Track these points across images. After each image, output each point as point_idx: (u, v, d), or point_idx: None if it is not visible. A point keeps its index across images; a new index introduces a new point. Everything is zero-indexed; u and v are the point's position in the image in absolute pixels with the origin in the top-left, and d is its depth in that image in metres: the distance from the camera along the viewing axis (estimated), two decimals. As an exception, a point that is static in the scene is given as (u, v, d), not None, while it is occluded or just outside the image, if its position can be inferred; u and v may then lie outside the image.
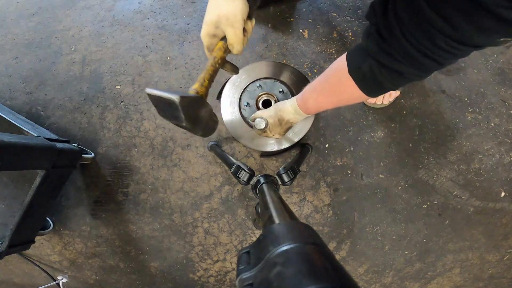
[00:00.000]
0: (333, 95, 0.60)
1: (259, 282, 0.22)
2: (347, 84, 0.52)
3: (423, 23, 0.37)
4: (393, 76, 0.46)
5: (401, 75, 0.45)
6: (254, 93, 0.86)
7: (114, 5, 1.14)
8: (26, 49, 1.13)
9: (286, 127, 0.75)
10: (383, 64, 0.45)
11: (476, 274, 1.07)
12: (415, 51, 0.40)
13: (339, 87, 0.56)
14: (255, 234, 1.05)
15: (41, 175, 0.82)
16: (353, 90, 0.52)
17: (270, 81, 0.86)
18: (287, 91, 0.85)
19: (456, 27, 0.35)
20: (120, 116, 1.07)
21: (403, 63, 0.43)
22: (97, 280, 1.13)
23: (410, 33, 0.39)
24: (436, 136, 1.02)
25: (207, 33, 0.52)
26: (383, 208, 1.03)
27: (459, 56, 0.40)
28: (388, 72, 0.46)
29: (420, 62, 0.41)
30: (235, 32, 0.51)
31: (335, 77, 0.57)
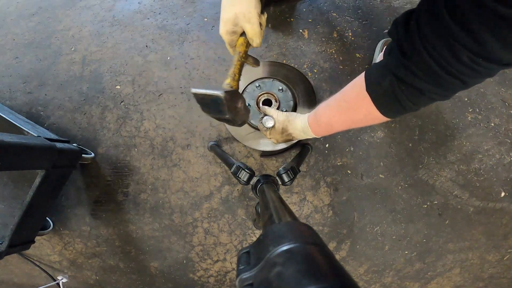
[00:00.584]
0: (347, 114, 0.56)
1: (259, 282, 0.22)
2: (364, 101, 0.50)
3: (447, 37, 0.36)
4: (413, 93, 0.44)
5: (422, 93, 0.43)
6: (253, 94, 0.86)
7: (114, 5, 1.14)
8: (26, 49, 1.13)
9: (286, 139, 0.74)
10: (403, 80, 0.43)
11: (476, 274, 1.07)
12: (437, 67, 0.38)
13: (355, 105, 0.54)
14: (255, 234, 1.05)
15: (41, 175, 0.82)
16: (369, 109, 0.50)
17: (268, 81, 0.86)
18: (286, 89, 0.85)
19: (481, 42, 0.33)
20: (120, 116, 1.07)
21: (424, 80, 0.41)
22: (97, 280, 1.13)
23: (433, 47, 0.38)
24: (436, 136, 1.02)
25: (226, 31, 0.55)
26: (383, 208, 1.03)
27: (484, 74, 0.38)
28: (408, 89, 0.44)
29: (442, 79, 0.39)
30: (253, 27, 0.54)
31: (351, 93, 0.54)
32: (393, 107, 0.48)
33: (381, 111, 0.49)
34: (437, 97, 0.43)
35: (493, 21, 0.32)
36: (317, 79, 1.03)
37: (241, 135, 0.88)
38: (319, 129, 0.65)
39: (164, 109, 1.06)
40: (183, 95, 1.05)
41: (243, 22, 0.53)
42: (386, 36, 1.02)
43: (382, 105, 0.48)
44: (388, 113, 0.49)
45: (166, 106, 1.06)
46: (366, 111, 0.51)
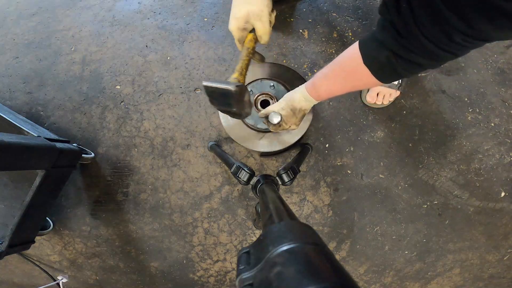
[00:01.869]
0: (347, 82, 0.61)
1: (259, 282, 0.22)
2: (363, 72, 0.54)
3: (441, 21, 0.39)
4: (410, 66, 0.48)
5: (419, 66, 0.48)
6: None
7: (114, 5, 1.14)
8: (26, 49, 1.13)
9: (300, 116, 0.73)
10: (400, 55, 0.47)
11: (476, 274, 1.07)
12: (434, 47, 0.42)
13: (354, 75, 0.57)
14: (255, 234, 1.05)
15: (41, 175, 0.82)
16: (369, 78, 0.54)
17: (256, 83, 0.86)
18: (277, 84, 0.86)
19: (473, 25, 0.37)
20: (120, 116, 1.07)
21: (420, 56, 0.45)
22: (97, 280, 1.13)
23: (428, 31, 0.41)
24: (436, 136, 1.02)
25: (237, 27, 0.59)
26: (383, 208, 1.03)
27: (473, 47, 0.43)
28: (405, 62, 0.48)
29: (438, 55, 0.44)
30: (263, 25, 0.57)
31: (349, 66, 0.58)
32: (390, 76, 0.53)
33: (379, 79, 0.54)
34: (431, 67, 0.49)
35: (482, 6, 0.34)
36: (317, 79, 1.03)
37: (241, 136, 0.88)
38: (319, 97, 0.67)
39: (164, 109, 1.06)
40: (183, 95, 1.05)
41: (254, 20, 0.57)
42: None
43: (381, 75, 0.53)
44: (385, 80, 0.54)
45: (166, 106, 1.06)
46: (365, 80, 0.55)
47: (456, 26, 0.38)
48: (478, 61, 1.04)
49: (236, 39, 0.61)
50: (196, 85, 1.06)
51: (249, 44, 0.59)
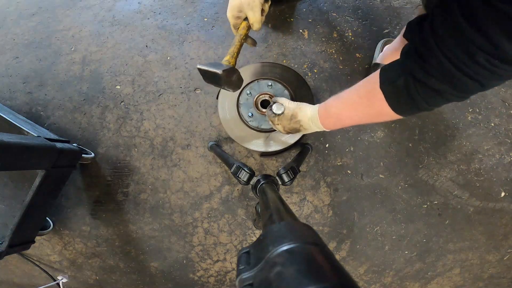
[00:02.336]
0: (358, 108, 0.57)
1: (259, 282, 0.22)
2: (376, 98, 0.50)
3: (462, 39, 0.36)
4: (429, 94, 0.44)
5: (438, 94, 0.43)
6: (249, 102, 0.87)
7: (114, 5, 1.14)
8: (26, 49, 1.13)
9: (294, 126, 0.72)
10: (419, 80, 0.43)
11: (476, 274, 1.07)
12: (454, 68, 0.38)
13: (367, 100, 0.54)
14: (255, 234, 1.05)
15: (41, 175, 0.82)
16: (381, 106, 0.50)
17: (254, 84, 0.87)
18: (274, 82, 0.86)
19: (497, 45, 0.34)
20: (120, 116, 1.07)
21: (441, 81, 0.41)
22: (97, 280, 1.13)
23: (449, 49, 0.38)
24: (436, 136, 1.02)
25: (232, 15, 0.66)
26: (383, 208, 1.03)
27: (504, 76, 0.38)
28: (424, 89, 0.43)
29: (459, 80, 0.39)
30: (254, 14, 0.64)
31: (364, 89, 0.55)
32: (406, 106, 0.48)
33: (393, 108, 0.49)
34: (453, 98, 0.43)
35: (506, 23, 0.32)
36: (317, 79, 1.03)
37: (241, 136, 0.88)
38: (327, 120, 0.65)
39: (164, 109, 1.06)
40: (183, 95, 1.05)
41: (246, 9, 0.63)
42: (386, 36, 1.02)
43: (395, 102, 0.49)
44: (400, 111, 0.50)
45: (166, 106, 1.06)
46: (378, 108, 0.51)
47: (478, 44, 0.35)
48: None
49: (232, 25, 0.69)
50: (196, 85, 1.06)
51: (242, 31, 0.67)
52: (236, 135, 0.88)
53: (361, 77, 1.04)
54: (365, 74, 1.03)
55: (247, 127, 0.87)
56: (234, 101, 0.88)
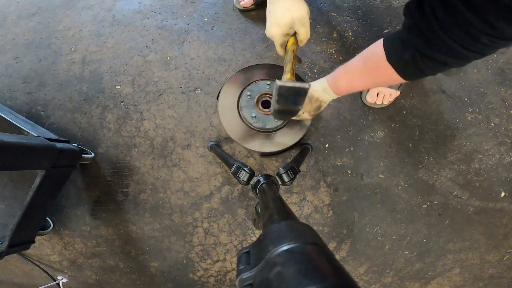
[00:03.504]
0: (369, 78, 0.62)
1: (259, 282, 0.22)
2: (385, 68, 0.55)
3: (464, 24, 0.40)
4: (435, 65, 0.49)
5: (443, 64, 0.48)
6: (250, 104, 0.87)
7: (114, 5, 1.14)
8: (26, 49, 1.13)
9: (316, 106, 0.73)
10: (425, 55, 0.47)
11: (476, 274, 1.07)
12: (460, 48, 0.43)
13: (376, 72, 0.58)
14: (255, 234, 1.05)
15: (41, 175, 0.82)
16: (392, 75, 0.55)
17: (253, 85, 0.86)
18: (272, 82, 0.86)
19: (495, 26, 0.38)
20: (120, 116, 1.07)
21: (445, 54, 0.46)
22: (97, 280, 1.13)
23: (453, 33, 0.42)
24: (436, 136, 1.02)
25: (282, 33, 0.62)
26: (383, 208, 1.02)
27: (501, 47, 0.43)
28: (431, 62, 0.48)
29: (465, 55, 0.44)
30: (306, 30, 0.62)
31: (372, 62, 0.58)
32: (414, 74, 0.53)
33: (403, 76, 0.54)
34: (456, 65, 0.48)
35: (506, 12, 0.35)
36: (317, 79, 1.03)
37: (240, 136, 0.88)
38: (339, 90, 0.68)
39: (164, 109, 1.06)
40: (183, 95, 1.05)
41: (298, 26, 0.61)
42: (386, 36, 1.02)
43: (404, 72, 0.54)
44: (409, 78, 0.55)
45: (166, 106, 1.06)
46: (388, 76, 0.56)
47: (479, 28, 0.39)
48: (478, 61, 1.04)
49: (279, 44, 0.65)
50: (196, 85, 1.06)
51: (293, 47, 0.64)
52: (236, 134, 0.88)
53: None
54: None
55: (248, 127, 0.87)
56: (234, 102, 0.88)
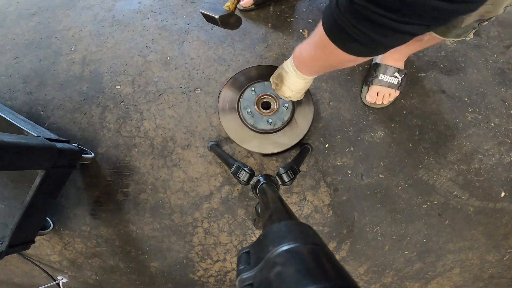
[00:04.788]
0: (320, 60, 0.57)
1: (259, 282, 0.22)
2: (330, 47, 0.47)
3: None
4: (359, 17, 0.38)
5: (366, 18, 0.37)
6: (251, 98, 0.87)
7: (114, 5, 1.14)
8: (26, 49, 1.13)
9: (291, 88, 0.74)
10: (343, 5, 0.39)
11: (476, 274, 1.07)
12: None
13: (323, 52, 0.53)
14: (255, 234, 1.05)
15: (41, 175, 0.82)
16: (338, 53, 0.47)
17: (259, 84, 0.87)
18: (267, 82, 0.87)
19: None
20: (120, 116, 1.07)
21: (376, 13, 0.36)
22: (97, 280, 1.13)
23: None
24: (436, 136, 1.02)
25: None
26: (383, 208, 1.03)
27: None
28: (350, 13, 0.38)
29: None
30: None
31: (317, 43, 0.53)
32: (340, 36, 0.44)
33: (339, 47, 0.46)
34: (384, 20, 0.36)
35: None
36: (316, 79, 1.03)
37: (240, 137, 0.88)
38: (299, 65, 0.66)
39: (164, 109, 1.06)
40: (183, 95, 1.05)
41: None
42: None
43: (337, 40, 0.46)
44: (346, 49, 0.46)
45: (166, 106, 1.06)
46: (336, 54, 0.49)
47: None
48: (478, 61, 1.04)
49: None
50: (196, 85, 1.06)
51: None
52: (236, 135, 0.88)
53: (361, 77, 1.04)
54: (365, 74, 1.04)
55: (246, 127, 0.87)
56: (235, 101, 0.88)
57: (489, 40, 1.07)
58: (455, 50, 1.06)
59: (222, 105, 0.89)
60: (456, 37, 0.69)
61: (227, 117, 0.88)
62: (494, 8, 0.56)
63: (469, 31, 0.68)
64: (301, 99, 0.85)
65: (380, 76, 0.95)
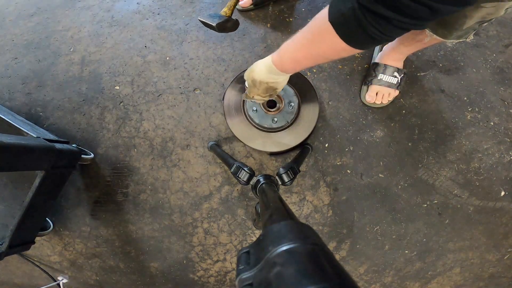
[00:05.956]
0: (312, 46, 0.54)
1: (259, 282, 0.22)
2: (327, 31, 0.47)
3: None
4: (378, 21, 0.40)
5: (388, 21, 0.40)
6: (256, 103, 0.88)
7: (113, 5, 1.14)
8: (25, 50, 1.13)
9: (263, 88, 0.68)
10: (366, 7, 0.39)
11: (477, 273, 1.07)
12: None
13: (319, 36, 0.51)
14: (255, 234, 1.05)
15: (40, 176, 0.82)
16: (333, 39, 0.47)
17: None
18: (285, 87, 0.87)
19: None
20: (120, 116, 1.07)
21: (387, 7, 0.37)
22: (97, 280, 1.13)
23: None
24: (436, 135, 1.02)
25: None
26: (382, 208, 1.03)
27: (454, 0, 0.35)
28: (373, 16, 0.40)
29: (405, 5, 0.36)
30: None
31: (315, 25, 0.51)
32: (358, 35, 0.44)
33: (345, 40, 0.46)
34: (406, 25, 0.40)
35: None
36: (316, 79, 1.03)
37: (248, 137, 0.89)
38: (284, 66, 0.62)
39: (163, 110, 1.06)
40: (182, 95, 1.05)
41: None
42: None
43: (345, 33, 0.45)
44: (353, 42, 0.47)
45: (165, 107, 1.06)
46: (330, 42, 0.48)
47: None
48: (477, 60, 1.04)
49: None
50: (196, 85, 1.06)
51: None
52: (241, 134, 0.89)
53: (360, 76, 1.04)
54: (364, 74, 1.04)
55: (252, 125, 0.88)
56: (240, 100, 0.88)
57: (488, 39, 1.07)
58: (454, 50, 1.06)
59: (227, 103, 0.89)
60: (457, 39, 0.69)
61: (233, 116, 0.89)
62: (496, 10, 0.56)
63: (470, 32, 0.68)
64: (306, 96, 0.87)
65: (380, 76, 0.95)
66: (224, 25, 0.77)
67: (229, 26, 0.79)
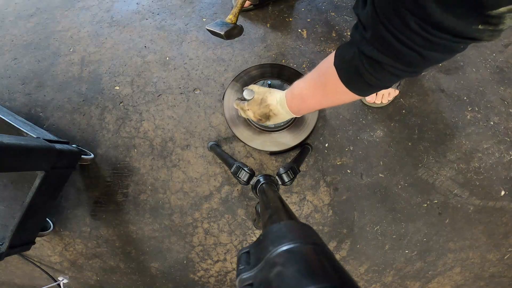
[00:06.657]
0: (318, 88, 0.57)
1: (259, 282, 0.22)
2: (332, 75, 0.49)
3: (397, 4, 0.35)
4: (373, 66, 0.42)
5: (382, 67, 0.42)
6: None
7: (113, 5, 1.14)
8: (24, 50, 1.13)
9: (263, 111, 0.71)
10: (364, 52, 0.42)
11: (477, 273, 1.07)
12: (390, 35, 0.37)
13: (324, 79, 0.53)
14: (255, 234, 1.05)
15: (40, 176, 0.82)
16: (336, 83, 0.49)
17: (259, 82, 0.88)
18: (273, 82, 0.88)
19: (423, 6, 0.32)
20: (119, 117, 1.06)
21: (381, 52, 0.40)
22: (98, 280, 1.13)
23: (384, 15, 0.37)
24: (436, 135, 1.02)
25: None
26: (383, 207, 1.03)
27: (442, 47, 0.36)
28: (368, 62, 0.42)
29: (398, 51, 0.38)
30: None
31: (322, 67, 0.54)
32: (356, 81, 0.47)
33: (346, 85, 0.48)
34: (399, 72, 0.42)
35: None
36: (316, 78, 1.03)
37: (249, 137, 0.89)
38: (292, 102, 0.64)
39: (163, 110, 1.06)
40: (182, 95, 1.05)
41: None
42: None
43: (346, 78, 0.48)
44: (353, 88, 0.48)
45: (165, 107, 1.06)
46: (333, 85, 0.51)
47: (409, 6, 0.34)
48: (477, 60, 1.04)
49: None
50: (195, 85, 1.06)
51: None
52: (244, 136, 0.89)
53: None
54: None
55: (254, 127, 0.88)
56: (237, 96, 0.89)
57: (488, 38, 1.07)
58: (454, 49, 1.06)
59: (227, 103, 0.89)
60: None
61: (233, 116, 0.89)
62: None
63: None
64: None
65: (380, 76, 0.95)
66: (231, 32, 0.79)
67: (235, 33, 0.81)
